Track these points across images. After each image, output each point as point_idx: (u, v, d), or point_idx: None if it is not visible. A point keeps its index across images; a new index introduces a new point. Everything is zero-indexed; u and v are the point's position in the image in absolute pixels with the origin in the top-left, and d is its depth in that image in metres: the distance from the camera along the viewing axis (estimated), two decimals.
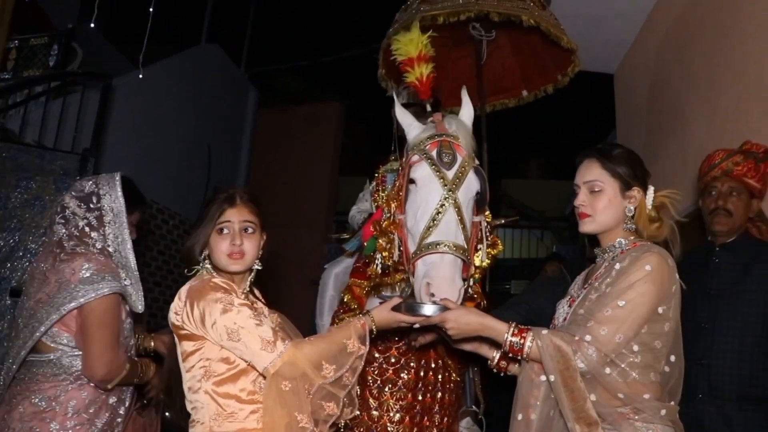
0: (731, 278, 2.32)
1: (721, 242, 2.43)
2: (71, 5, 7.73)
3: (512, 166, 11.56)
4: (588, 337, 1.57)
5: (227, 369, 1.69)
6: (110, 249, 2.14)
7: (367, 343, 1.73)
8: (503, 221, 2.98)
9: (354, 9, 8.58)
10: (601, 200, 1.76)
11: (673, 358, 1.65)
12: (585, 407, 1.54)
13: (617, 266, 1.67)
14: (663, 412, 1.58)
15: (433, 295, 1.79)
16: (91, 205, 2.15)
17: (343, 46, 8.54)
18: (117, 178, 2.21)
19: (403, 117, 2.20)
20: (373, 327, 1.76)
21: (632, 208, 1.76)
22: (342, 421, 1.76)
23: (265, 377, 1.65)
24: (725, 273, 2.36)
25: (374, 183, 3.37)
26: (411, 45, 2.26)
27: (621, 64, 5.16)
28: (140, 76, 4.23)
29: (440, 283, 1.80)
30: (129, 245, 2.17)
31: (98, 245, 2.13)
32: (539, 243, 9.53)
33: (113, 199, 2.16)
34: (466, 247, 1.92)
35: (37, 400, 2.01)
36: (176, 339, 1.76)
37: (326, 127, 9.23)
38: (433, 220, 1.90)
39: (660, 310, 1.62)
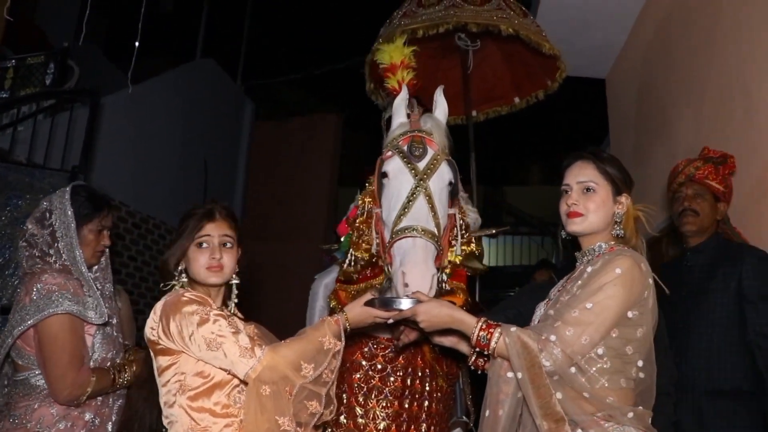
0: (699, 279, 2.44)
1: (692, 244, 2.57)
2: (69, 24, 7.82)
3: (511, 173, 11.56)
4: (553, 337, 1.56)
5: (202, 383, 1.70)
6: (67, 263, 2.14)
7: (343, 339, 1.75)
8: (494, 231, 2.97)
9: (349, 19, 8.64)
10: (593, 200, 1.76)
11: (641, 363, 1.63)
12: (551, 403, 1.53)
13: (589, 269, 1.67)
14: (630, 414, 1.56)
15: (407, 285, 1.80)
16: (45, 223, 2.16)
17: (339, 57, 8.59)
18: (66, 193, 2.21)
19: (395, 112, 2.26)
20: (347, 324, 1.78)
21: (621, 213, 1.76)
22: (324, 426, 1.76)
23: (245, 384, 1.67)
24: (694, 274, 2.48)
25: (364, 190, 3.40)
26: (394, 53, 2.31)
27: (612, 68, 5.18)
28: (129, 91, 4.24)
29: (413, 269, 1.82)
30: (80, 257, 2.15)
31: (58, 262, 2.13)
32: (540, 249, 9.50)
33: (61, 213, 2.16)
34: (437, 233, 1.95)
35: (12, 418, 2.05)
36: (152, 354, 1.77)
37: (324, 137, 9.25)
38: (405, 208, 1.95)
39: (630, 314, 1.60)
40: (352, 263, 2.19)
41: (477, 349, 1.68)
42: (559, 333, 1.57)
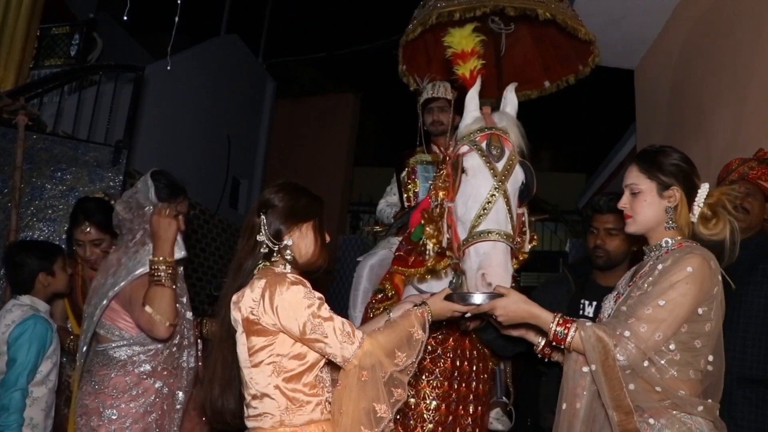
0: (742, 271, 2.42)
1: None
2: None
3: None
4: (627, 333, 1.64)
5: (298, 365, 1.71)
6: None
7: (427, 331, 1.82)
8: (533, 219, 3.04)
9: (370, 2, 8.62)
10: (638, 201, 1.84)
11: (711, 357, 1.71)
12: (622, 395, 1.61)
13: (660, 266, 1.74)
14: (700, 408, 1.65)
15: (490, 284, 1.85)
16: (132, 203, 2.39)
17: (359, 39, 8.58)
18: (148, 179, 2.41)
19: (468, 104, 2.23)
20: (430, 317, 1.84)
21: (671, 207, 1.82)
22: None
23: (341, 368, 1.71)
24: (737, 267, 2.44)
25: (404, 173, 3.43)
26: (466, 40, 2.28)
27: (642, 60, 5.17)
28: (168, 68, 4.25)
29: (495, 272, 1.87)
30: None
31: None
32: (552, 236, 9.56)
33: (144, 197, 2.37)
34: (513, 235, 1.99)
35: (93, 382, 2.28)
36: (243, 334, 1.75)
37: (341, 118, 9.28)
38: (484, 208, 1.97)
39: (700, 310, 1.68)
40: (431, 254, 2.20)
41: (553, 343, 1.75)
42: (633, 329, 1.64)
